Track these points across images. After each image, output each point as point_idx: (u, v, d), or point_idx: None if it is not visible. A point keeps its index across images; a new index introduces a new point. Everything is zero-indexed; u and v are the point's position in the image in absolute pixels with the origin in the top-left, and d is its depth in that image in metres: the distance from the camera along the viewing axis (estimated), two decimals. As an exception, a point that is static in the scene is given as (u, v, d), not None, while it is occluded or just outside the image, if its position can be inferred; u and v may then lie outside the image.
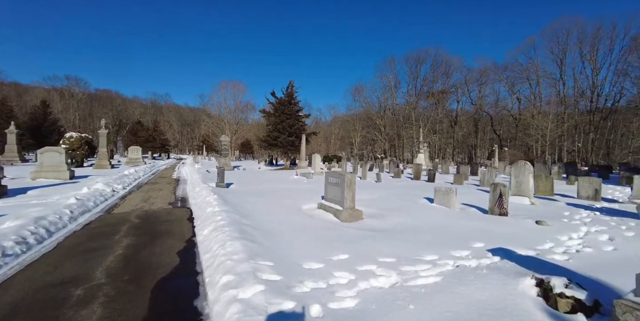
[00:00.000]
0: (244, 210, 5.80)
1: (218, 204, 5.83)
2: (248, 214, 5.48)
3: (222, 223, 4.40)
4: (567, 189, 10.11)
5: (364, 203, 7.02)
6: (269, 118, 28.53)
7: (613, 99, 38.99)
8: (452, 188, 6.80)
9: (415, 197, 8.09)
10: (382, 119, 54.00)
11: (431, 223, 5.18)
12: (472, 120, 52.09)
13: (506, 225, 5.04)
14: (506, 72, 46.19)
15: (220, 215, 4.90)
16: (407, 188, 10.43)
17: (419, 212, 6.18)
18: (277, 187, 10.26)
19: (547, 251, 3.79)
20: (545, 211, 6.35)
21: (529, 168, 7.56)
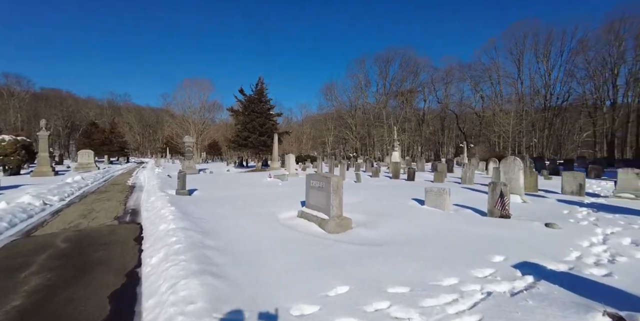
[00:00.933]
0: (208, 225, 4.72)
1: (175, 219, 4.70)
2: (213, 231, 4.42)
3: (176, 248, 3.34)
4: (546, 184, 10.05)
5: (349, 208, 6.20)
6: (238, 117, 27.00)
7: (563, 98, 41.93)
8: (445, 188, 6.20)
9: (402, 198, 7.43)
10: (353, 118, 54.06)
11: (431, 231, 4.47)
12: (439, 118, 53.73)
13: (514, 229, 4.45)
14: (470, 72, 48.08)
15: (175, 235, 3.81)
16: (389, 188, 9.81)
17: (412, 216, 5.48)
18: (248, 192, 9.17)
19: (579, 263, 3.18)
20: (542, 210, 5.93)
21: (519, 164, 7.20)
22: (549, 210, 5.91)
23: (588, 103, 40.37)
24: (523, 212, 5.60)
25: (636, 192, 7.27)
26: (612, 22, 36.68)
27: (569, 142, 45.81)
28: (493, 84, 46.38)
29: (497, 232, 4.31)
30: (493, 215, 5.45)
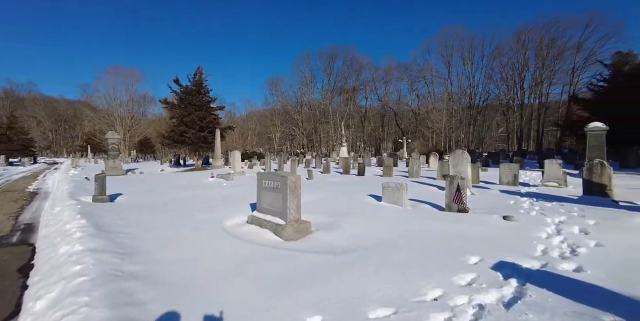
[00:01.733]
0: (131, 243, 3.72)
1: (83, 237, 3.58)
2: (137, 249, 3.47)
3: (79, 283, 2.39)
4: (484, 176, 10.80)
5: (307, 208, 5.63)
6: (173, 111, 24.36)
7: (484, 98, 47.28)
8: (402, 183, 6.03)
9: (358, 195, 7.14)
10: (300, 114, 53.62)
11: (397, 231, 4.16)
12: (379, 115, 56.30)
13: (477, 224, 4.39)
14: (407, 72, 51.18)
15: (80, 262, 2.80)
16: (343, 184, 9.52)
17: (373, 214, 5.15)
18: (186, 195, 8.01)
19: (548, 258, 3.11)
20: (491, 201, 6.14)
21: (467, 157, 7.44)
22: (498, 201, 6.14)
23: (502, 103, 46.15)
24: (476, 205, 5.69)
25: (559, 181, 8.11)
26: (519, 33, 42.32)
27: (488, 136, 51.93)
28: (427, 84, 50.09)
29: (463, 228, 4.18)
30: (451, 210, 5.42)
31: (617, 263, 2.93)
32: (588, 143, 10.33)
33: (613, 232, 3.85)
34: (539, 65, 41.27)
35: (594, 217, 4.52)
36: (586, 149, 10.72)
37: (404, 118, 54.83)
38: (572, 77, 39.10)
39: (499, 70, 44.51)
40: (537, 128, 43.24)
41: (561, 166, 8.18)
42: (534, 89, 42.67)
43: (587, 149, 10.33)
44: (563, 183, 8.03)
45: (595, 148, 10.12)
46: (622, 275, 2.66)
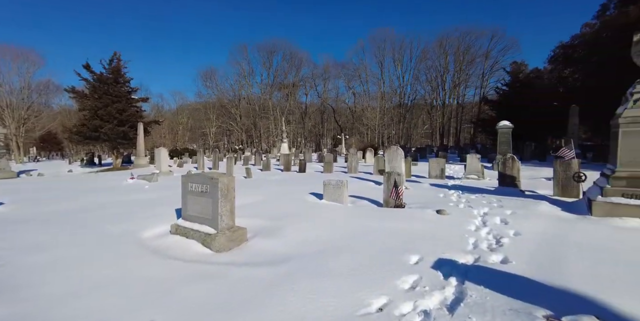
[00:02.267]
0: (1, 275, 2.83)
1: None
2: (10, 284, 2.62)
3: None
4: (415, 170, 11.50)
5: (243, 211, 5.17)
6: (84, 102, 20.75)
7: (412, 97, 51.43)
8: (343, 180, 5.95)
9: (299, 193, 6.88)
10: (238, 108, 51.19)
11: (339, 233, 4.00)
12: (319, 112, 57.11)
13: (413, 219, 4.49)
14: (344, 70, 52.68)
15: None
16: (284, 182, 9.17)
17: (315, 215, 4.94)
18: (95, 201, 6.76)
19: (479, 252, 3.26)
20: (424, 195, 6.46)
21: (401, 153, 7.74)
22: (430, 195, 6.50)
23: (427, 103, 50.84)
24: (411, 200, 5.90)
25: (478, 173, 9.05)
26: (441, 39, 46.95)
27: (415, 133, 56.80)
28: (362, 83, 52.32)
29: (401, 225, 4.22)
30: (389, 205, 5.51)
31: (534, 251, 3.20)
32: (499, 139, 11.83)
33: (526, 220, 4.28)
34: (457, 69, 46.42)
35: (510, 207, 5.02)
36: (496, 144, 12.25)
37: (342, 115, 56.51)
38: (482, 80, 44.95)
39: (425, 72, 48.82)
40: (455, 126, 48.81)
41: (479, 160, 9.13)
42: (453, 91, 47.90)
43: (498, 145, 11.83)
44: (481, 175, 8.98)
45: (504, 143, 11.63)
46: (540, 262, 2.88)
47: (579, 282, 2.44)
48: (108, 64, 21.14)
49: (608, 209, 4.28)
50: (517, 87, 24.98)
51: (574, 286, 2.36)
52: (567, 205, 4.99)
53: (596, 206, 4.36)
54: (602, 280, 2.49)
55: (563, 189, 6.04)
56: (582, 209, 4.68)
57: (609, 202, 4.29)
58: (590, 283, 2.43)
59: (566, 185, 6.01)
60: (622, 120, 4.33)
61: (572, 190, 5.95)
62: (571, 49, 21.43)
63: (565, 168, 5.99)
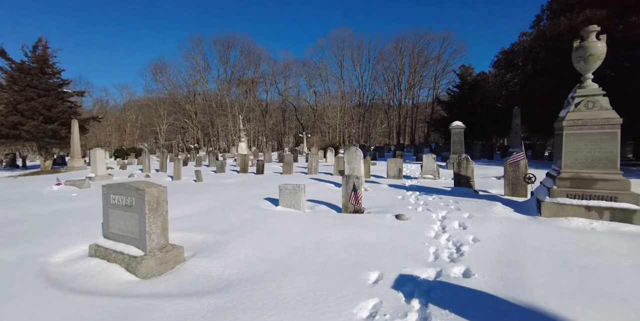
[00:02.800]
0: None
1: None
2: None
3: None
4: (374, 170, 11.51)
5: (186, 224, 4.55)
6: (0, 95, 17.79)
7: (370, 97, 52.70)
8: (300, 185, 5.55)
9: (253, 200, 6.33)
10: (193, 105, 48.23)
11: (294, 247, 3.60)
12: (280, 110, 56.13)
13: (372, 227, 4.23)
14: (304, 68, 52.28)
15: None
16: (238, 186, 8.51)
17: (269, 225, 4.47)
18: (3, 215, 5.58)
19: (440, 264, 3.07)
20: (383, 198, 6.30)
21: (360, 154, 7.55)
22: (388, 197, 6.36)
23: (385, 103, 52.46)
24: (370, 203, 5.69)
25: (433, 173, 9.22)
26: (397, 42, 48.68)
27: (374, 132, 58.42)
28: (323, 81, 52.40)
29: (360, 234, 3.93)
30: (348, 210, 5.23)
31: (495, 260, 3.08)
32: (452, 139, 12.29)
33: (483, 224, 4.25)
34: (412, 70, 48.44)
35: (467, 209, 5.01)
36: (448, 143, 12.75)
37: (304, 113, 56.14)
38: (434, 82, 47.43)
39: (382, 73, 50.24)
40: (411, 125, 51.00)
41: (435, 160, 9.32)
42: (408, 91, 49.92)
43: (452, 144, 12.29)
44: (437, 175, 9.16)
45: (457, 143, 12.11)
46: (502, 273, 2.75)
47: (542, 296, 2.31)
48: (31, 51, 18.36)
49: (555, 209, 4.41)
50: (466, 89, 26.63)
51: (538, 302, 2.22)
52: (518, 206, 5.12)
53: (545, 207, 4.48)
54: (563, 291, 2.39)
55: (513, 189, 6.27)
56: (532, 209, 4.81)
57: (556, 202, 4.42)
58: (553, 296, 2.31)
59: (515, 184, 6.25)
60: (565, 123, 4.48)
61: (521, 190, 6.20)
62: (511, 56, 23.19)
63: (515, 169, 6.22)
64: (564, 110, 4.77)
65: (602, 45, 4.35)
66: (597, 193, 4.25)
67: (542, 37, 14.60)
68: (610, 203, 4.13)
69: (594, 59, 4.37)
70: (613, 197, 4.16)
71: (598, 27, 4.40)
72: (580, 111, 4.45)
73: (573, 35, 13.60)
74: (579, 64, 4.54)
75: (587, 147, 4.39)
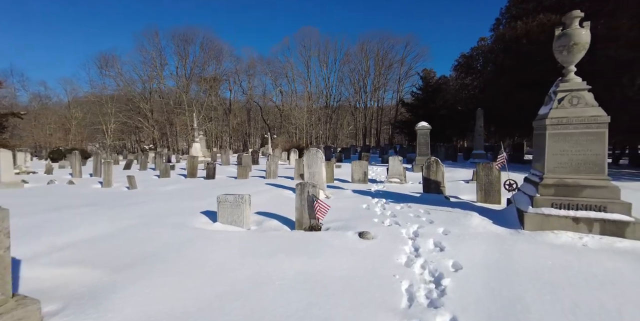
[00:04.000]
0: None
1: None
2: None
3: None
4: (338, 173, 10.70)
5: (77, 255, 3.32)
6: None
7: (337, 99, 52.53)
8: (244, 195, 4.47)
9: (189, 214, 5.13)
10: (148, 103, 44.46)
11: (219, 291, 2.54)
12: (245, 110, 53.96)
13: (331, 251, 3.31)
14: (270, 67, 50.74)
15: None
16: (177, 195, 7.18)
17: (192, 255, 3.36)
18: None
19: (418, 311, 2.21)
20: (346, 207, 5.43)
21: (321, 156, 6.65)
22: (352, 206, 5.50)
23: (351, 104, 52.58)
24: (331, 214, 4.77)
25: (400, 177, 8.60)
26: (363, 44, 48.99)
27: (341, 133, 58.40)
28: (289, 81, 51.24)
29: (313, 266, 2.98)
30: (302, 226, 4.27)
31: (484, 298, 2.30)
32: (418, 140, 11.87)
33: (462, 242, 3.52)
34: (377, 73, 48.97)
35: (440, 222, 4.28)
36: (413, 145, 12.37)
37: (270, 113, 54.53)
38: (398, 85, 48.40)
39: (348, 74, 50.23)
40: (376, 127, 51.56)
41: (402, 162, 8.70)
42: (374, 94, 50.41)
43: (418, 146, 11.86)
44: (404, 179, 8.55)
45: (423, 145, 11.71)
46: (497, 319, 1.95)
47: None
48: None
49: (540, 222, 3.81)
50: (429, 91, 27.08)
51: None
52: (496, 216, 4.50)
53: (528, 219, 3.86)
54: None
55: (486, 194, 5.73)
56: (512, 221, 4.19)
57: (540, 213, 3.82)
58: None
59: (489, 190, 5.71)
60: (549, 122, 3.92)
61: (495, 195, 5.67)
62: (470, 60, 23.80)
63: (488, 173, 5.68)
64: (545, 107, 4.23)
65: (587, 33, 3.83)
66: (585, 202, 3.71)
67: (501, 40, 14.85)
68: (600, 214, 3.59)
69: (578, 48, 3.85)
70: (602, 206, 3.63)
71: (582, 12, 3.88)
72: (564, 108, 3.91)
73: (529, 38, 13.98)
74: (561, 55, 4.00)
75: (572, 149, 3.85)
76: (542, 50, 13.45)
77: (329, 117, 51.12)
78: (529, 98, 13.53)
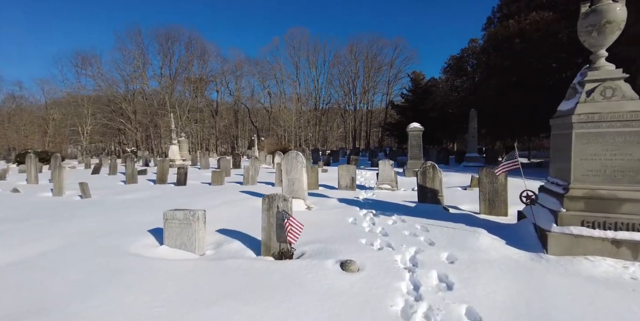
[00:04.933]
0: None
1: None
2: None
3: None
4: (324, 178, 9.82)
5: None
6: None
7: (326, 101, 51.81)
8: (197, 212, 3.53)
9: (130, 233, 4.13)
10: (131, 104, 42.63)
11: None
12: (232, 111, 52.62)
13: (297, 293, 2.41)
14: (257, 68, 49.68)
15: None
16: (131, 205, 6.14)
17: (102, 305, 2.41)
18: None
19: None
20: (328, 222, 4.55)
21: (302, 160, 5.76)
22: (336, 220, 4.62)
23: (340, 107, 51.94)
24: (309, 233, 3.88)
25: (391, 183, 7.78)
26: (352, 46, 48.52)
27: (331, 136, 57.66)
28: (278, 83, 50.27)
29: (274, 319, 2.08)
30: (270, 252, 3.36)
31: None
32: (409, 143, 11.09)
33: (473, 274, 2.69)
34: (367, 75, 48.51)
35: (442, 243, 3.45)
36: (403, 147, 11.64)
37: (259, 115, 53.36)
38: (388, 87, 48.05)
39: (338, 76, 49.60)
40: (366, 130, 51.02)
41: (393, 166, 7.89)
42: (363, 96, 49.90)
43: (409, 148, 11.09)
44: (395, 185, 7.73)
45: (415, 147, 10.95)
46: None
47: None
48: None
49: (568, 244, 3.03)
50: (419, 93, 26.60)
51: None
52: (508, 233, 3.70)
53: (553, 240, 3.07)
54: None
55: (490, 204, 4.96)
56: (529, 241, 3.39)
57: (568, 233, 3.04)
58: None
59: (493, 199, 4.94)
60: (576, 119, 3.15)
61: (501, 206, 4.91)
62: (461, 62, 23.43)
63: (492, 180, 4.92)
64: (568, 102, 3.46)
65: (623, 9, 3.09)
66: (626, 219, 2.93)
67: (493, 39, 14.35)
68: (648, 236, 2.83)
69: (612, 28, 3.10)
70: (649, 225, 2.87)
71: (615, -17, 3.13)
72: (594, 102, 3.14)
73: (522, 37, 13.52)
74: (589, 37, 3.24)
75: (605, 153, 3.09)
76: (535, 49, 13.03)
77: (319, 120, 50.30)
78: (523, 97, 13.03)
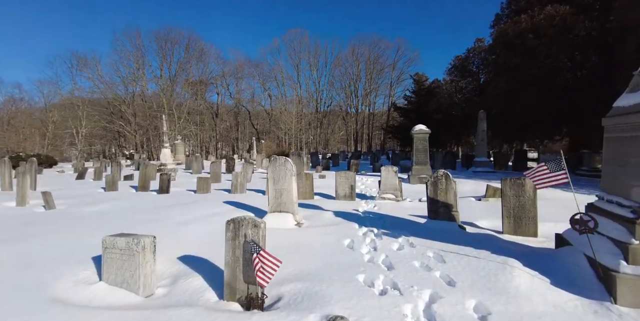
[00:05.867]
0: None
1: None
2: None
3: None
4: (320, 185, 8.97)
5: None
6: None
7: (328, 103, 51.09)
8: (142, 239, 2.70)
9: (69, 261, 3.31)
10: (131, 106, 42.06)
11: None
12: (233, 114, 51.99)
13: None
14: (258, 69, 49.11)
15: None
16: (95, 220, 5.31)
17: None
18: None
19: None
20: (318, 244, 3.70)
21: (291, 168, 4.91)
22: (328, 244, 3.76)
23: (342, 109, 51.17)
24: (292, 259, 3.04)
25: (395, 192, 6.92)
26: (354, 47, 47.85)
27: (332, 139, 56.87)
28: (278, 85, 49.66)
29: None
30: (235, 297, 2.51)
31: None
32: (414, 146, 10.18)
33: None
34: (369, 77, 47.79)
35: (467, 285, 2.58)
36: (405, 150, 10.82)
37: (259, 117, 52.73)
38: (390, 89, 47.26)
39: (339, 78, 48.89)
40: (368, 132, 50.16)
41: (396, 173, 7.03)
42: (365, 98, 49.11)
43: (414, 153, 10.18)
44: (399, 194, 6.87)
45: (420, 151, 10.06)
46: None
47: None
48: None
49: (646, 292, 2.16)
50: (422, 95, 25.77)
51: None
52: (548, 266, 2.83)
53: (624, 285, 2.22)
54: None
55: (516, 222, 4.10)
56: (582, 279, 2.53)
57: (646, 276, 2.18)
58: None
59: (520, 216, 4.08)
60: (649, 118, 2.30)
61: (529, 225, 4.04)
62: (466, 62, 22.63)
63: (518, 192, 4.06)
64: (631, 95, 2.61)
65: None
66: None
67: (503, 36, 13.52)
68: None
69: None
70: None
71: None
72: (677, 93, 2.30)
73: (535, 32, 12.69)
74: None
75: (695, 164, 2.23)
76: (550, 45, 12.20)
77: (320, 122, 49.53)
78: (534, 97, 12.18)
